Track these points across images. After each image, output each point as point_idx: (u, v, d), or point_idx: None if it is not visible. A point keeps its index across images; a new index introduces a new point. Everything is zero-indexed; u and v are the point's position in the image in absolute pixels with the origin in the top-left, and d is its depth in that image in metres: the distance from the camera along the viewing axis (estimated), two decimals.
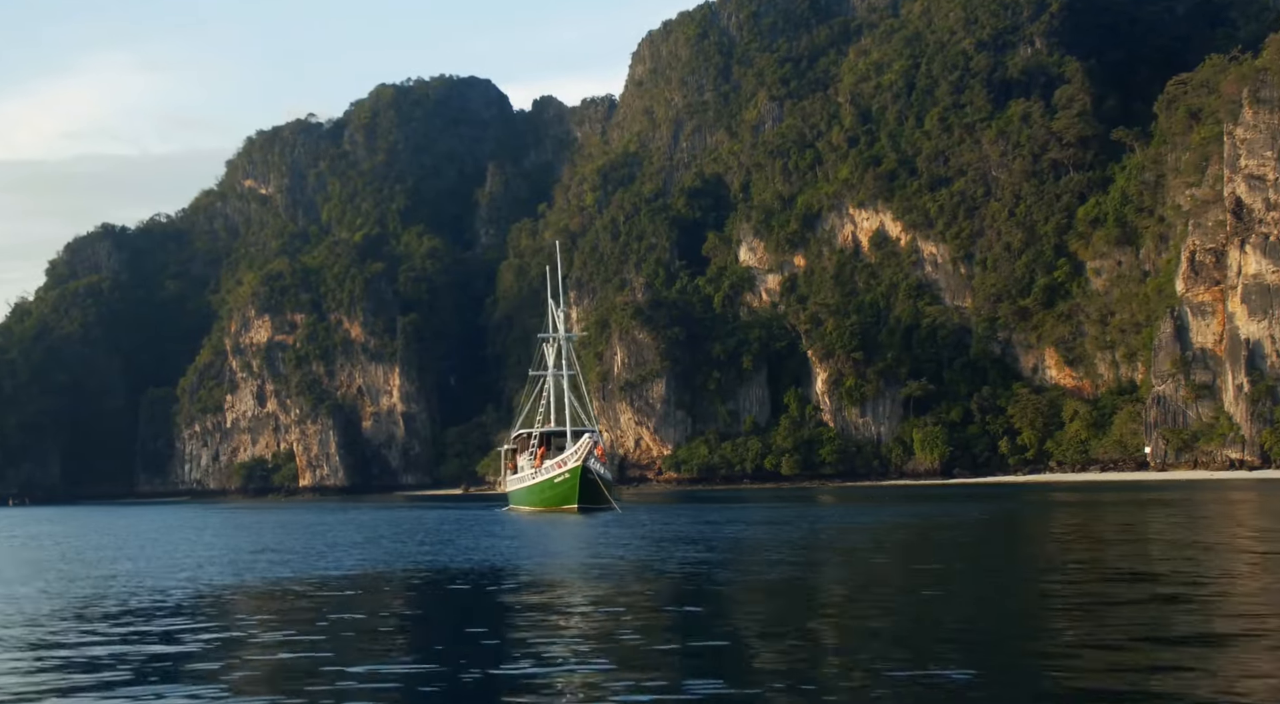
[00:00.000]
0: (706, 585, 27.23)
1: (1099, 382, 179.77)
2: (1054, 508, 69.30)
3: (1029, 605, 22.42)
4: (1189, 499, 73.76)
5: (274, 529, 66.31)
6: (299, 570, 33.44)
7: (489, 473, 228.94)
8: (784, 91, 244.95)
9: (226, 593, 27.82)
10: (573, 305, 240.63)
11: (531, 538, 49.95)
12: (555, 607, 23.84)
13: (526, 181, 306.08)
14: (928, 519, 57.48)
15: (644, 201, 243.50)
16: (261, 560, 38.26)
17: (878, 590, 25.65)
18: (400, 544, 45.77)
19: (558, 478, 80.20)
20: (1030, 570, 29.77)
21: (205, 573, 33.52)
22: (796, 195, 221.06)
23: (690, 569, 30.99)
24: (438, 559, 36.88)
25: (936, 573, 29.47)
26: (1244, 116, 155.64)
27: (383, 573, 32.27)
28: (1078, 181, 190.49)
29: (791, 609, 22.99)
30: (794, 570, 30.68)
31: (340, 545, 46.01)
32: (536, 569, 33.20)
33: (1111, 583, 25.59)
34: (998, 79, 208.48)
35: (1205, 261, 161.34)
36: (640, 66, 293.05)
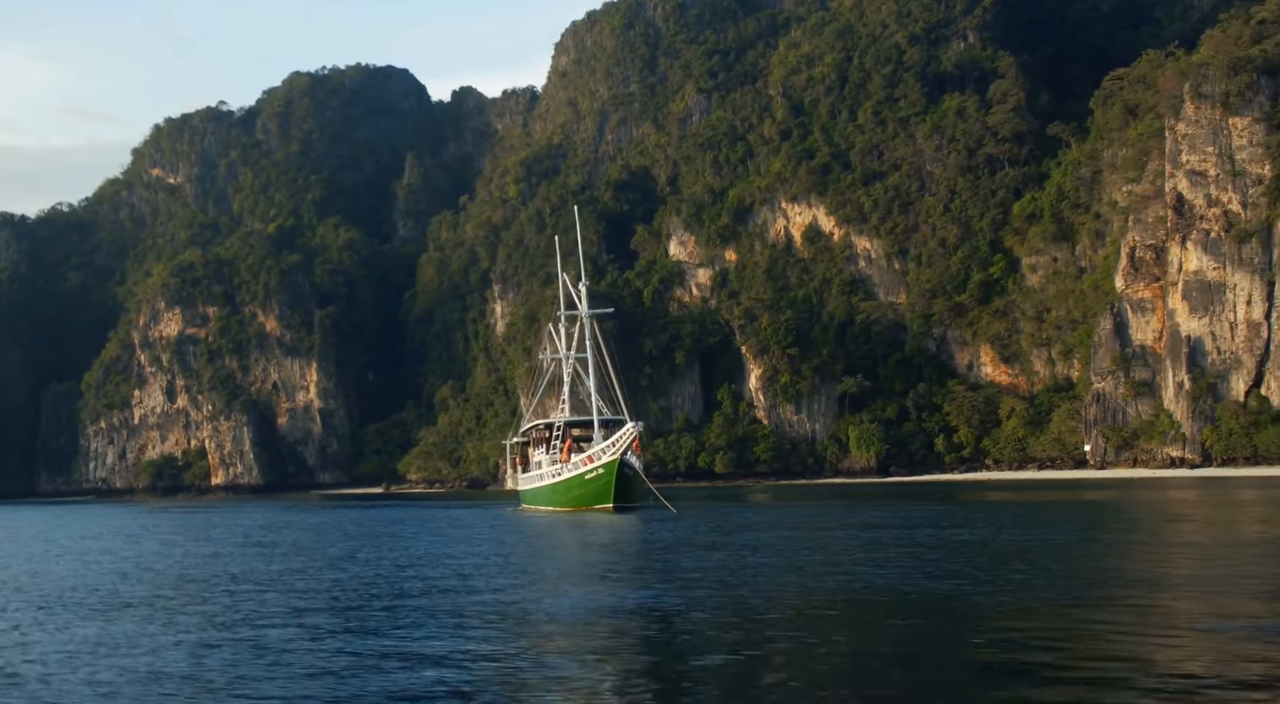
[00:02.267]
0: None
1: (1035, 379, 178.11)
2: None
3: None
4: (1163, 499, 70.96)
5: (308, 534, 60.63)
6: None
7: (410, 471, 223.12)
8: (712, 84, 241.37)
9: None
10: (498, 299, 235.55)
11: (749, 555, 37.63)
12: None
13: (446, 173, 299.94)
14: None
15: (570, 194, 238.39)
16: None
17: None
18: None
19: (589, 474, 72.70)
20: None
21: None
22: (728, 189, 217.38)
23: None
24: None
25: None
26: (1185, 112, 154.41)
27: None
28: (1013, 177, 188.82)
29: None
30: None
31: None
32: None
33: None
34: (931, 73, 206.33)
35: (1145, 258, 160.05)
36: (564, 57, 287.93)
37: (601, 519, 62.65)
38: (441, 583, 30.56)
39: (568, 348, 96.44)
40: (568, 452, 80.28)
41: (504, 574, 33.42)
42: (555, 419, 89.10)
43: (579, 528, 55.82)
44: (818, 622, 22.12)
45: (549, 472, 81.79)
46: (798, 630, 21.18)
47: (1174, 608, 22.67)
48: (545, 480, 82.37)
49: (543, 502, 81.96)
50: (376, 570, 35.09)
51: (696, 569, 32.14)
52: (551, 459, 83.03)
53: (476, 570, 34.29)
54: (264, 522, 79.46)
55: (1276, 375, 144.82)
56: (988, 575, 28.61)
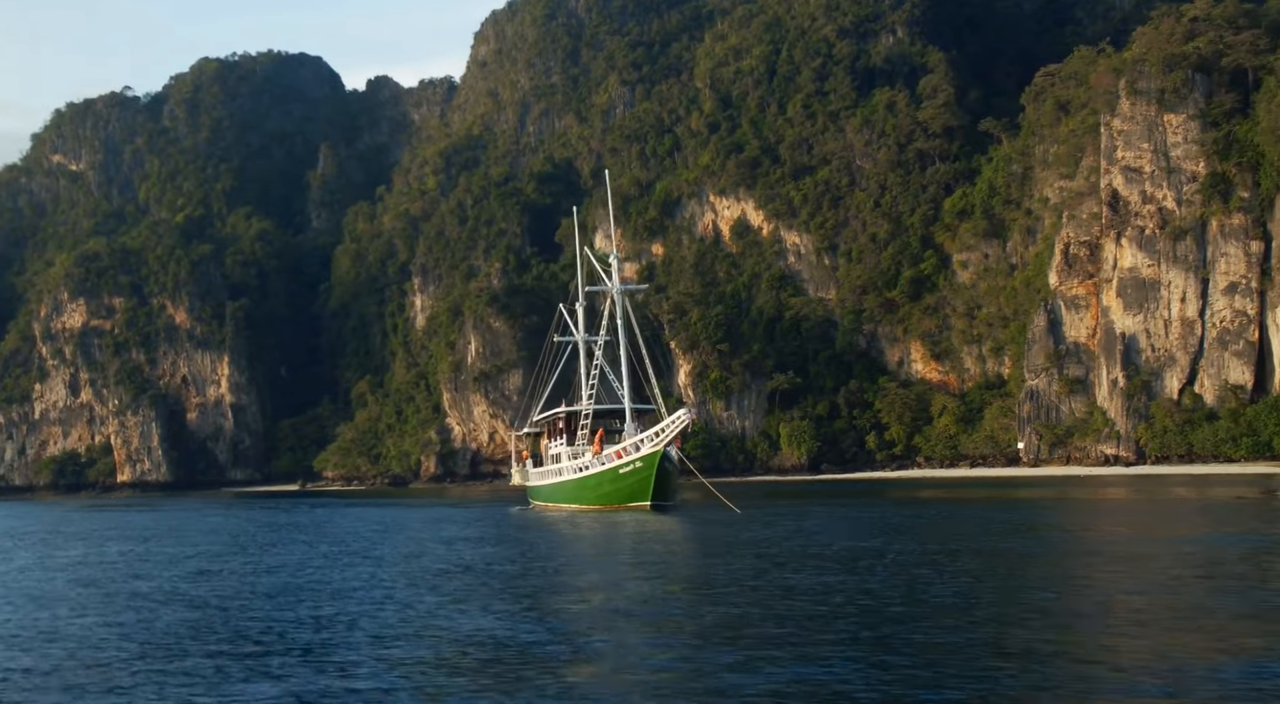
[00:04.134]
0: None
1: (965, 376, 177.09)
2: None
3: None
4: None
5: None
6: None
7: (327, 468, 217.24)
8: (636, 76, 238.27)
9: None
10: (418, 292, 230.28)
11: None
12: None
13: (361, 164, 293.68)
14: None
15: (492, 185, 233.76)
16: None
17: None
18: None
19: (624, 468, 65.49)
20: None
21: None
22: (655, 182, 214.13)
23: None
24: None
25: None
26: (1121, 108, 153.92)
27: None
28: (944, 173, 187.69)
29: None
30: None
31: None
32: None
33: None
34: (861, 67, 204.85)
35: (1079, 255, 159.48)
36: (484, 47, 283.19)
37: (664, 524, 53.10)
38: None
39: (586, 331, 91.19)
40: (599, 443, 71.93)
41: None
42: (581, 406, 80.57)
43: (698, 541, 44.55)
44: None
45: (571, 465, 74.94)
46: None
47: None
48: (566, 475, 75.38)
49: (564, 499, 75.17)
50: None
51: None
52: (574, 451, 76.16)
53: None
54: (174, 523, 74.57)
55: (1210, 373, 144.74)
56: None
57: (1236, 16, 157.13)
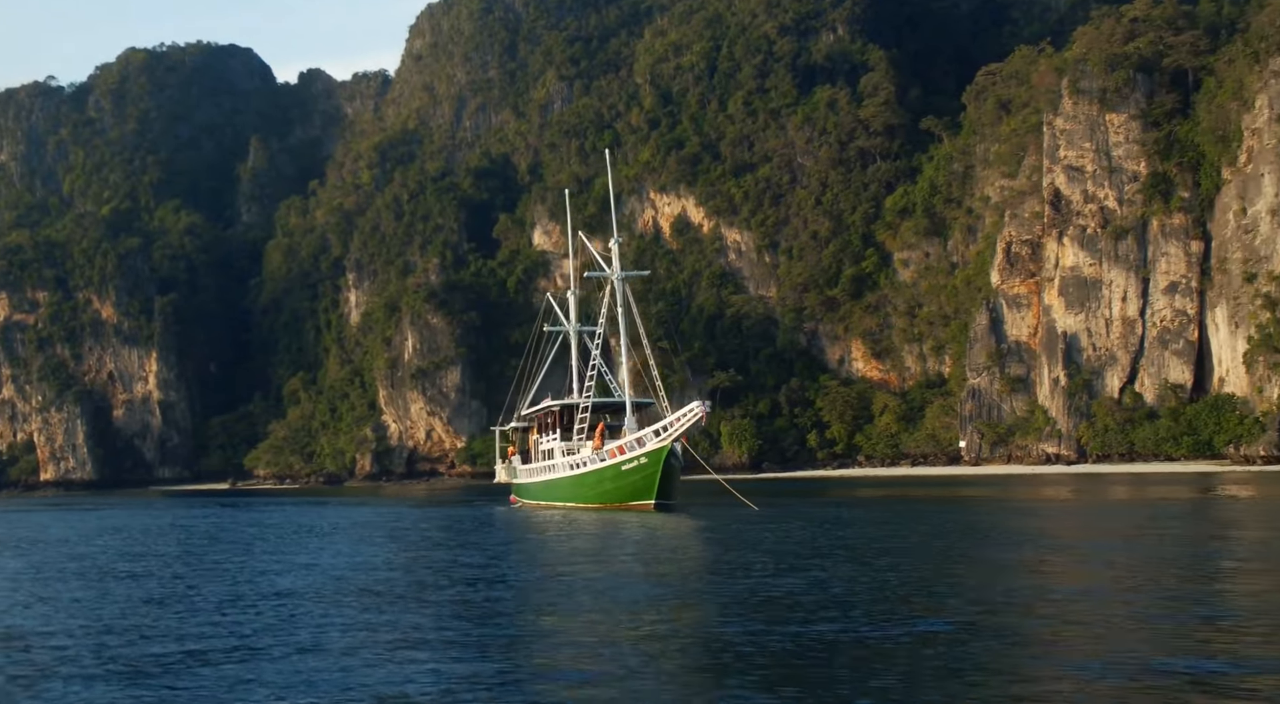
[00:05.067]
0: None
1: (906, 375, 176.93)
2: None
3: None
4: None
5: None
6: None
7: (258, 466, 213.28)
8: (574, 72, 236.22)
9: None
10: (352, 288, 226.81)
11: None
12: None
13: (293, 157, 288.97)
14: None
15: (429, 181, 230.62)
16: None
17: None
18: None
19: (628, 464, 61.93)
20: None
21: None
22: (594, 178, 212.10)
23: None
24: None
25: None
26: (1064, 107, 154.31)
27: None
28: (885, 171, 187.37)
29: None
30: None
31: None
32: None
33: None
34: (802, 64, 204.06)
35: (1021, 253, 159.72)
36: (419, 40, 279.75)
37: (683, 525, 49.15)
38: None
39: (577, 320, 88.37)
40: (600, 437, 68.10)
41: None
42: (576, 399, 76.64)
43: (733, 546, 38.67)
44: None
45: (567, 462, 71.21)
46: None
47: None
48: (561, 472, 71.57)
49: (559, 497, 71.21)
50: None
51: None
52: (569, 448, 72.45)
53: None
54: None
55: (1150, 372, 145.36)
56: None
57: (1175, 18, 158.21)
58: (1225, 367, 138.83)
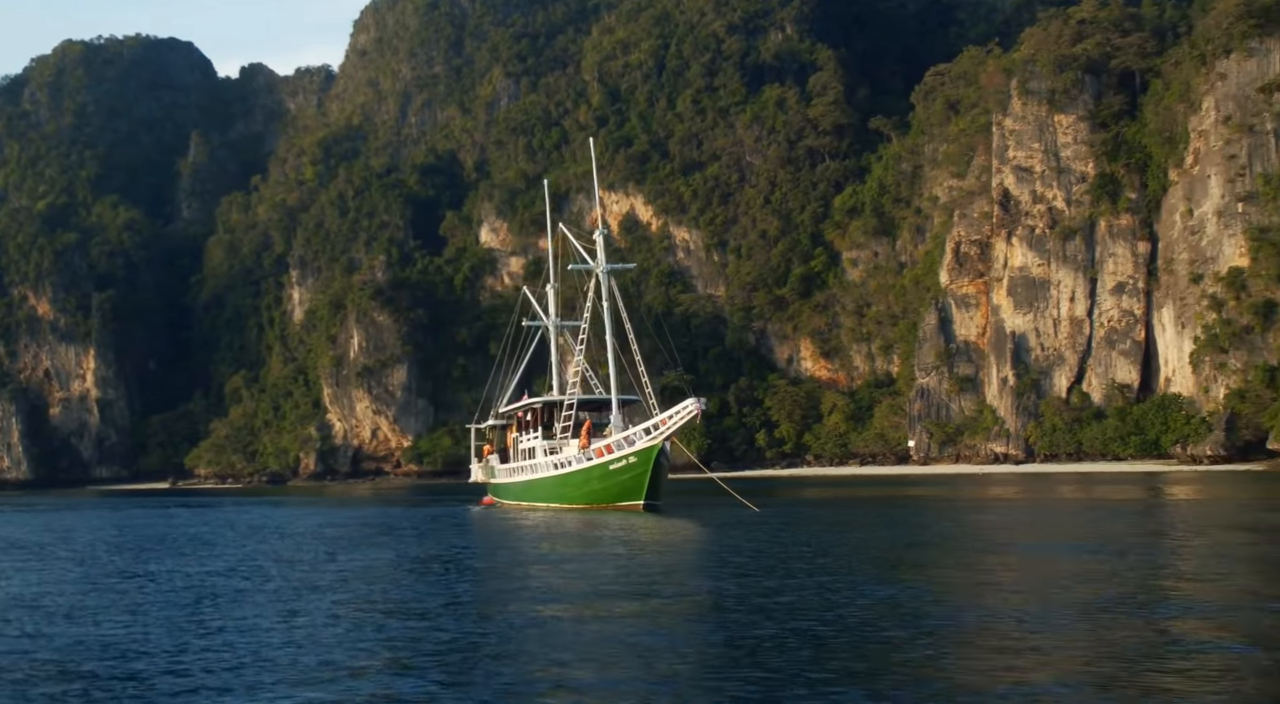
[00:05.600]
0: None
1: (855, 374, 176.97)
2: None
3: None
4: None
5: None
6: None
7: (199, 465, 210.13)
8: (521, 68, 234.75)
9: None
10: (296, 285, 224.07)
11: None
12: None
13: (234, 153, 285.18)
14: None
15: (374, 177, 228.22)
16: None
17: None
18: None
19: (616, 463, 59.98)
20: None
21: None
22: (541, 175, 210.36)
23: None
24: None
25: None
26: (1013, 108, 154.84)
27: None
28: (834, 170, 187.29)
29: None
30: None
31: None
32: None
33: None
34: (750, 63, 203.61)
35: (970, 253, 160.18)
36: (363, 36, 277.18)
37: (683, 528, 46.57)
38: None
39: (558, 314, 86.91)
40: (587, 435, 65.56)
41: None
42: (559, 396, 74.63)
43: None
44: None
45: (549, 461, 68.96)
46: None
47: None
48: (544, 472, 69.30)
49: (541, 497, 68.99)
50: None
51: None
52: (552, 446, 70.18)
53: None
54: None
55: (1098, 372, 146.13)
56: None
57: (1122, 20, 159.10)
58: (1171, 367, 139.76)
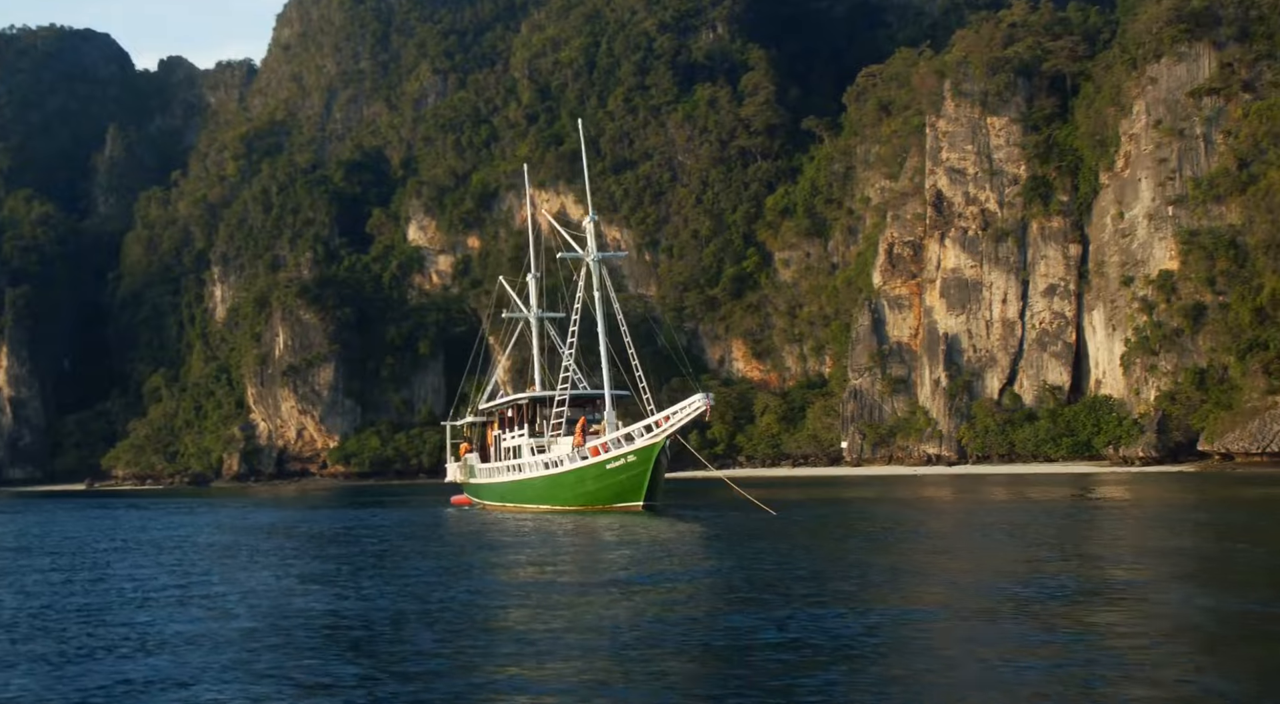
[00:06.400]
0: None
1: (787, 375, 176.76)
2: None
3: None
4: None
5: None
6: None
7: (117, 466, 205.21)
8: (449, 64, 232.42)
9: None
10: (218, 282, 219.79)
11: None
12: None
13: (153, 147, 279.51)
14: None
15: (298, 173, 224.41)
16: None
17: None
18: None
19: (613, 462, 56.83)
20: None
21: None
22: (471, 173, 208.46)
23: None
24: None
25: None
26: (946, 109, 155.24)
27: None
28: (766, 170, 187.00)
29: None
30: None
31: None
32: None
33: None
34: (682, 62, 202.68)
35: (903, 254, 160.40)
36: (287, 29, 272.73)
37: (698, 532, 43.29)
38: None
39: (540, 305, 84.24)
40: (581, 433, 62.19)
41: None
42: (549, 392, 71.65)
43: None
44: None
45: (538, 460, 65.69)
46: None
47: None
48: (533, 472, 65.83)
49: (530, 498, 65.75)
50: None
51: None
52: (540, 444, 66.82)
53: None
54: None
55: (1029, 374, 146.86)
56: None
57: (1052, 23, 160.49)
58: (1102, 369, 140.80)
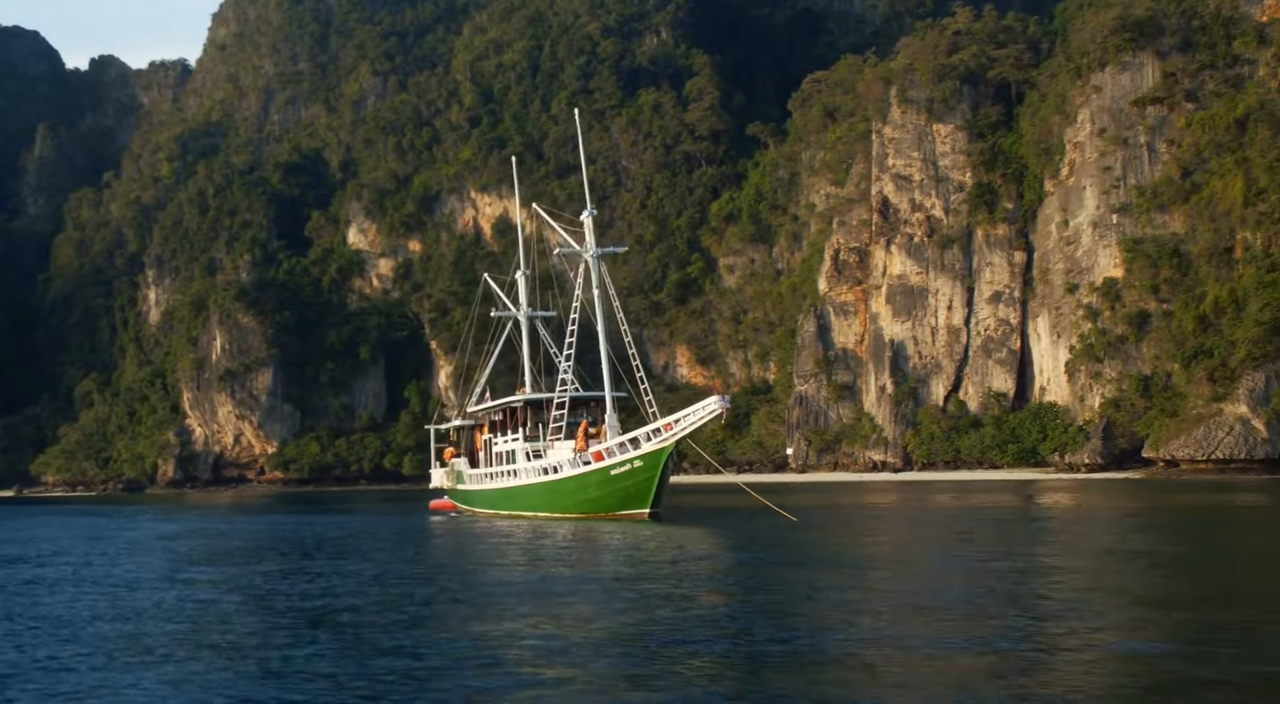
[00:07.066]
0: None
1: (731, 381, 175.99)
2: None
3: None
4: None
5: None
6: None
7: (47, 472, 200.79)
8: (389, 66, 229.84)
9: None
10: (152, 285, 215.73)
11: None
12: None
13: (84, 147, 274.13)
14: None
15: (235, 175, 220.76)
16: None
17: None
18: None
19: (618, 467, 54.07)
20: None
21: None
22: (412, 175, 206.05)
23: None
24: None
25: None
26: (892, 116, 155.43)
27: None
28: (711, 176, 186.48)
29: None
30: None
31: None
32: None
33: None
34: (626, 67, 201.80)
35: (849, 261, 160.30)
36: (223, 29, 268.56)
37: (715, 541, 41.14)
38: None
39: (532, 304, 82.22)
40: (584, 437, 59.22)
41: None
42: (546, 394, 68.85)
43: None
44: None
45: (534, 466, 62.70)
46: None
47: None
48: (528, 477, 62.81)
49: (525, 505, 63.00)
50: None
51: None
52: (536, 449, 63.70)
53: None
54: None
55: (974, 380, 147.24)
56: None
57: (996, 32, 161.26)
58: (1046, 376, 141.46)
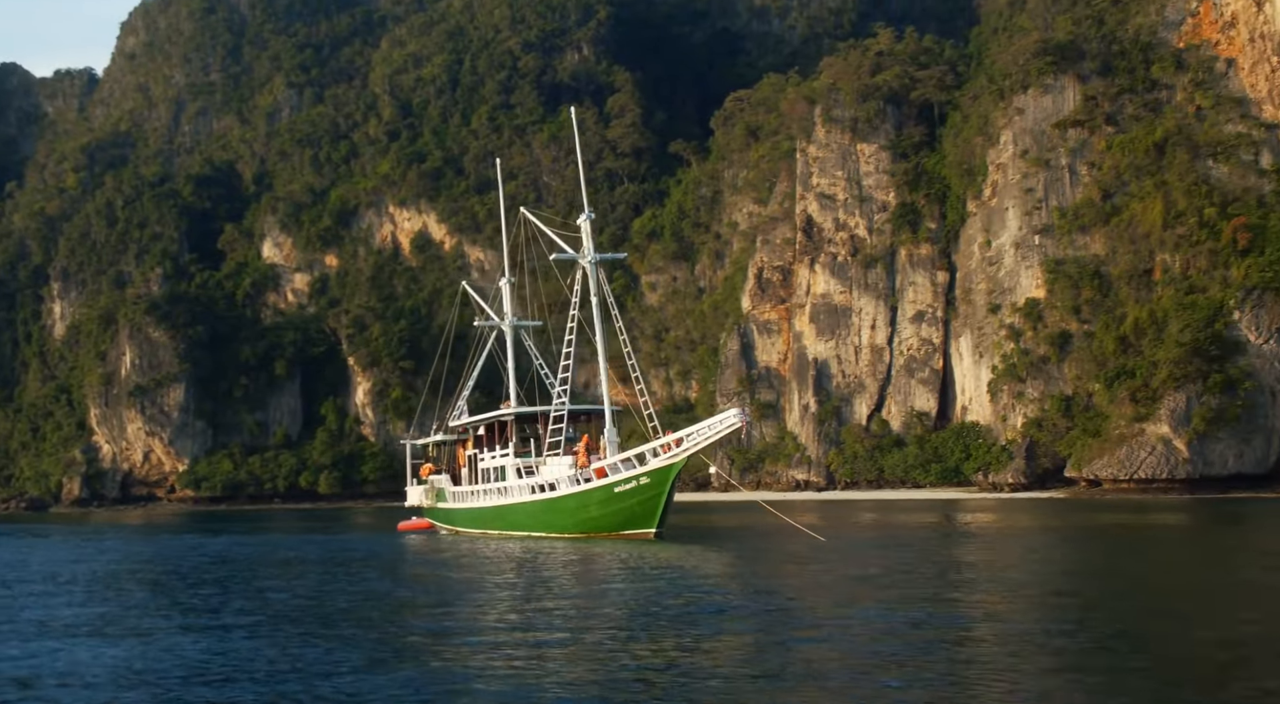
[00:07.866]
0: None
1: (652, 399, 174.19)
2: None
3: None
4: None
5: None
6: None
7: None
8: (304, 78, 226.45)
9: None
10: (57, 299, 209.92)
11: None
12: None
13: None
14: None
15: (145, 186, 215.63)
16: None
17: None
18: None
19: (622, 485, 51.71)
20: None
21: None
22: (329, 189, 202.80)
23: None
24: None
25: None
26: (816, 135, 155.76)
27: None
28: (633, 193, 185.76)
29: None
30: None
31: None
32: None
33: None
34: (548, 82, 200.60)
35: (773, 279, 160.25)
36: (132, 38, 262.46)
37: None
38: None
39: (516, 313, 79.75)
40: (586, 452, 57.06)
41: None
42: (541, 407, 66.64)
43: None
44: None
45: (526, 483, 59.88)
46: None
47: None
48: (520, 495, 60.07)
49: (516, 525, 60.31)
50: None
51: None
52: (528, 465, 61.11)
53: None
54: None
55: (897, 400, 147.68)
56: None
57: (918, 53, 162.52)
58: (969, 395, 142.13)
